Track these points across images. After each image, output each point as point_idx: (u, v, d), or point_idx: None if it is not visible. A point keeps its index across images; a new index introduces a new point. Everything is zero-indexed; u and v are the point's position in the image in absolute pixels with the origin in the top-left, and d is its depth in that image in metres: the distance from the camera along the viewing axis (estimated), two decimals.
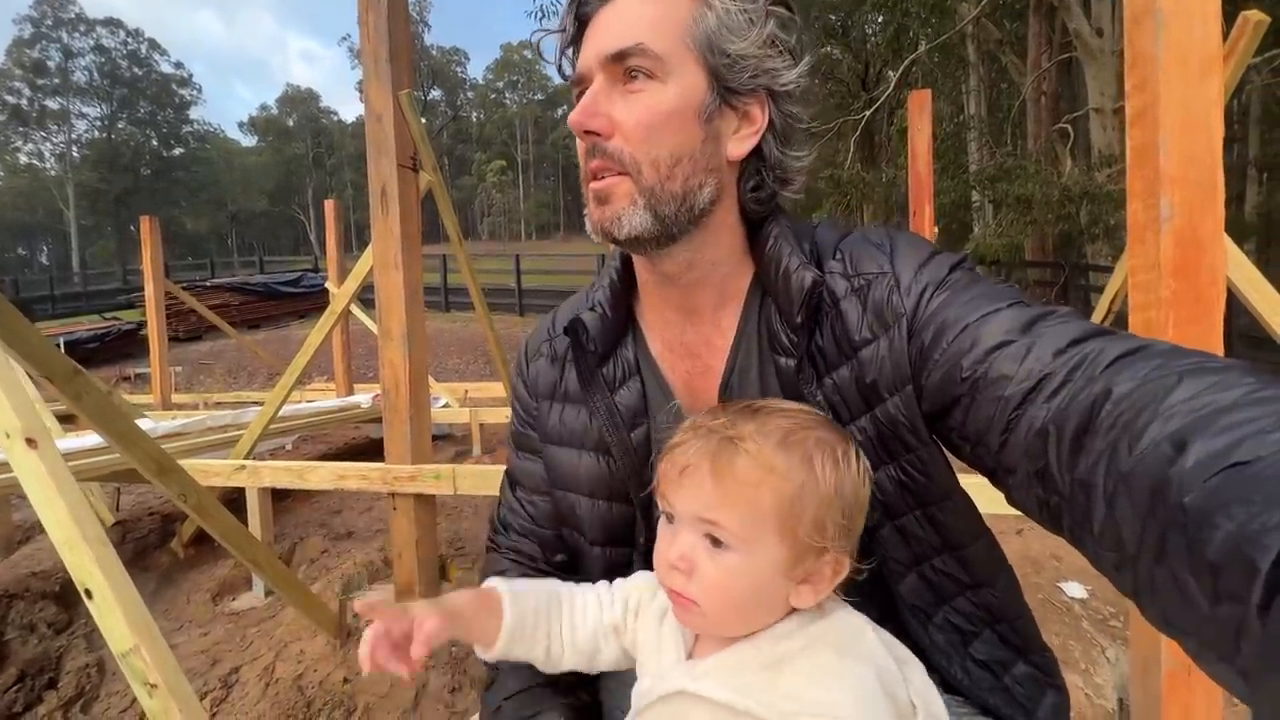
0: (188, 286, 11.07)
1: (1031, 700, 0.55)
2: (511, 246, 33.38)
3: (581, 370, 0.61)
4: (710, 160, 0.53)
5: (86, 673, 1.85)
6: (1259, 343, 6.03)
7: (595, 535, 0.61)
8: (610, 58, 0.51)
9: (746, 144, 0.55)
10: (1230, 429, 0.28)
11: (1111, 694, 1.55)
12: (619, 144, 0.52)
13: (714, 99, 0.52)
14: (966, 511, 0.54)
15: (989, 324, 0.46)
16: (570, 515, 0.62)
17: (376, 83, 2.01)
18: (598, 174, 0.53)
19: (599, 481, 0.60)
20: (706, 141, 0.53)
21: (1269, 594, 0.22)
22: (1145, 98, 1.31)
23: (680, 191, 0.52)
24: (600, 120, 0.52)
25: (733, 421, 0.45)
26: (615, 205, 0.52)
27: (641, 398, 0.60)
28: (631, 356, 0.61)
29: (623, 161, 0.52)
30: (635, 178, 0.52)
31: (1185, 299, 1.27)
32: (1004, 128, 11.52)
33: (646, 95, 0.51)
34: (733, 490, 0.43)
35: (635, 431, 0.59)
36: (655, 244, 0.54)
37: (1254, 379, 0.31)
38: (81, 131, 42.08)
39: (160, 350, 4.99)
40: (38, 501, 0.98)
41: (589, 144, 0.53)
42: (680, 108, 0.51)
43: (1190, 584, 0.26)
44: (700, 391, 0.59)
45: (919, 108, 3.50)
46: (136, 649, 0.93)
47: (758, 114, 0.54)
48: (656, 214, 0.52)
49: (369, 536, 2.72)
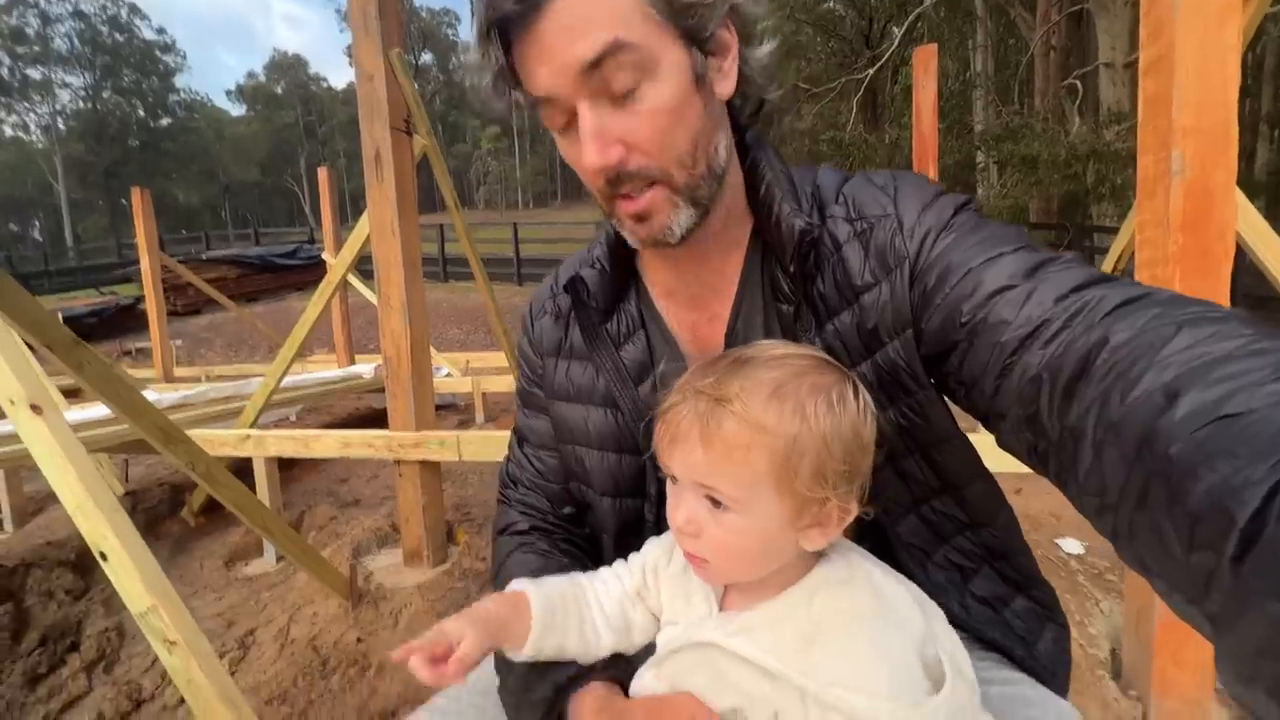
0: (183, 260, 10.97)
1: (1032, 633, 0.57)
2: (508, 215, 32.95)
3: (585, 326, 0.60)
4: (714, 118, 0.51)
5: (107, 636, 1.90)
6: (1261, 301, 6.00)
7: (605, 487, 0.61)
8: (585, 68, 0.44)
9: (732, 75, 0.52)
10: (1224, 380, 0.28)
11: (1104, 644, 1.59)
12: (640, 160, 0.48)
13: (700, 59, 0.49)
14: (965, 454, 0.54)
15: (992, 268, 0.45)
16: (579, 469, 0.63)
17: (366, 41, 1.94)
18: (630, 195, 0.50)
19: (607, 435, 0.60)
20: (708, 104, 0.50)
21: (1243, 546, 0.23)
22: (1160, 45, 1.27)
23: (707, 170, 0.51)
24: (615, 151, 0.47)
25: (721, 380, 0.44)
26: (660, 217, 0.50)
27: (647, 350, 0.59)
28: (635, 310, 0.60)
29: (650, 175, 0.49)
30: (668, 181, 0.49)
31: (1193, 253, 1.26)
32: (1011, 85, 11.24)
33: (647, 99, 0.46)
34: (723, 454, 0.42)
35: (642, 385, 0.59)
36: (699, 225, 0.52)
37: (1252, 330, 0.30)
38: (66, 102, 41.11)
39: (160, 324, 4.98)
40: (47, 468, 0.99)
41: (608, 175, 0.48)
42: (680, 94, 0.47)
43: (1169, 531, 0.27)
44: (706, 339, 0.59)
45: (924, 64, 3.40)
46: (154, 608, 0.96)
47: (727, 37, 0.51)
48: (696, 202, 0.51)
49: (376, 504, 2.76)
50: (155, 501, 2.82)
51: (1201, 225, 1.25)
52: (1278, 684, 0.21)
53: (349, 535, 2.36)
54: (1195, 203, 1.24)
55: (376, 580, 2.05)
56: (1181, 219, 1.25)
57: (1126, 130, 7.78)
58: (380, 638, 1.81)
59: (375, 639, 1.80)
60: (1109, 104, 8.88)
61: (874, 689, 0.40)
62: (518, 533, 0.65)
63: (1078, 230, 10.02)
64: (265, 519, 1.65)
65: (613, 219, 0.53)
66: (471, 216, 23.90)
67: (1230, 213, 1.26)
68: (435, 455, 2.05)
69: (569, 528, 0.66)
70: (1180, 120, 1.23)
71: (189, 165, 45.16)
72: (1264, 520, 0.22)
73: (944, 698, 0.40)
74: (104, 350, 7.77)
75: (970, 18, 12.17)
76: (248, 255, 12.67)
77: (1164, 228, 1.27)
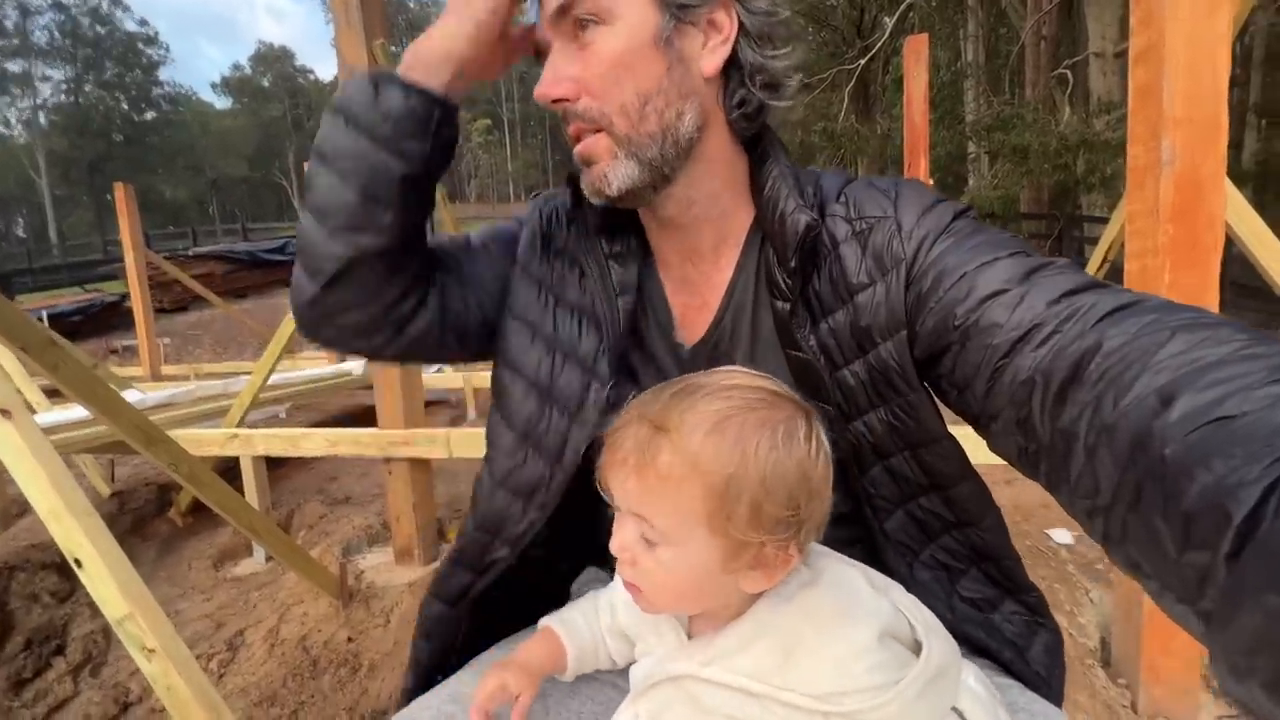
0: (169, 256, 10.82)
1: (1022, 639, 0.56)
2: (501, 208, 32.78)
3: (580, 225, 0.60)
4: (683, 86, 0.51)
5: (93, 638, 1.88)
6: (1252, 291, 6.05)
7: (539, 382, 0.58)
8: (555, 13, 0.50)
9: (719, 55, 0.52)
10: (1218, 384, 0.28)
11: (1094, 633, 1.60)
12: (587, 102, 0.51)
13: (667, 22, 0.50)
14: (954, 455, 0.54)
15: (986, 273, 0.45)
16: (513, 350, 0.59)
17: (349, 33, 1.91)
18: (578, 136, 0.52)
19: (565, 339, 0.58)
20: (672, 69, 0.51)
21: (1239, 543, 0.23)
22: (1150, 34, 1.26)
23: (658, 130, 0.51)
24: (564, 85, 0.51)
25: (666, 407, 0.42)
26: (600, 164, 0.52)
27: (636, 277, 0.58)
28: (634, 242, 0.59)
29: (594, 118, 0.51)
30: (611, 130, 0.51)
31: (1182, 244, 1.26)
32: (1002, 75, 11.24)
33: (597, 44, 0.50)
34: (656, 487, 0.40)
35: (623, 298, 0.57)
36: (652, 190, 0.53)
37: (1246, 335, 0.31)
38: (47, 96, 40.42)
39: (146, 322, 4.91)
40: (18, 473, 0.97)
41: (560, 110, 0.52)
42: (632, 45, 0.50)
43: (1162, 531, 0.27)
44: (693, 325, 0.59)
45: (915, 54, 3.38)
46: (131, 615, 0.94)
47: (724, 19, 0.52)
48: (640, 160, 0.51)
49: (366, 501, 2.74)
50: (142, 502, 2.79)
51: (1191, 215, 1.25)
52: (1274, 677, 0.21)
53: (339, 533, 2.35)
54: (1185, 193, 1.24)
55: (367, 579, 2.04)
56: (1171, 209, 1.25)
57: (1117, 120, 7.81)
58: (371, 636, 1.80)
59: (366, 638, 1.79)
60: (1099, 93, 8.90)
61: (860, 685, 0.40)
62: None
63: (1068, 220, 10.06)
64: (252, 519, 1.63)
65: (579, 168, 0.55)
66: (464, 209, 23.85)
67: (1220, 203, 1.25)
68: (425, 453, 2.03)
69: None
70: (1170, 110, 1.22)
71: (174, 160, 44.55)
72: (1260, 518, 0.22)
73: (924, 660, 0.41)
74: (90, 348, 7.67)
75: (962, 7, 12.14)
76: (235, 251, 12.52)
77: (1154, 218, 1.27)
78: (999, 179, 9.14)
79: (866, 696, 0.39)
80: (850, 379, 0.52)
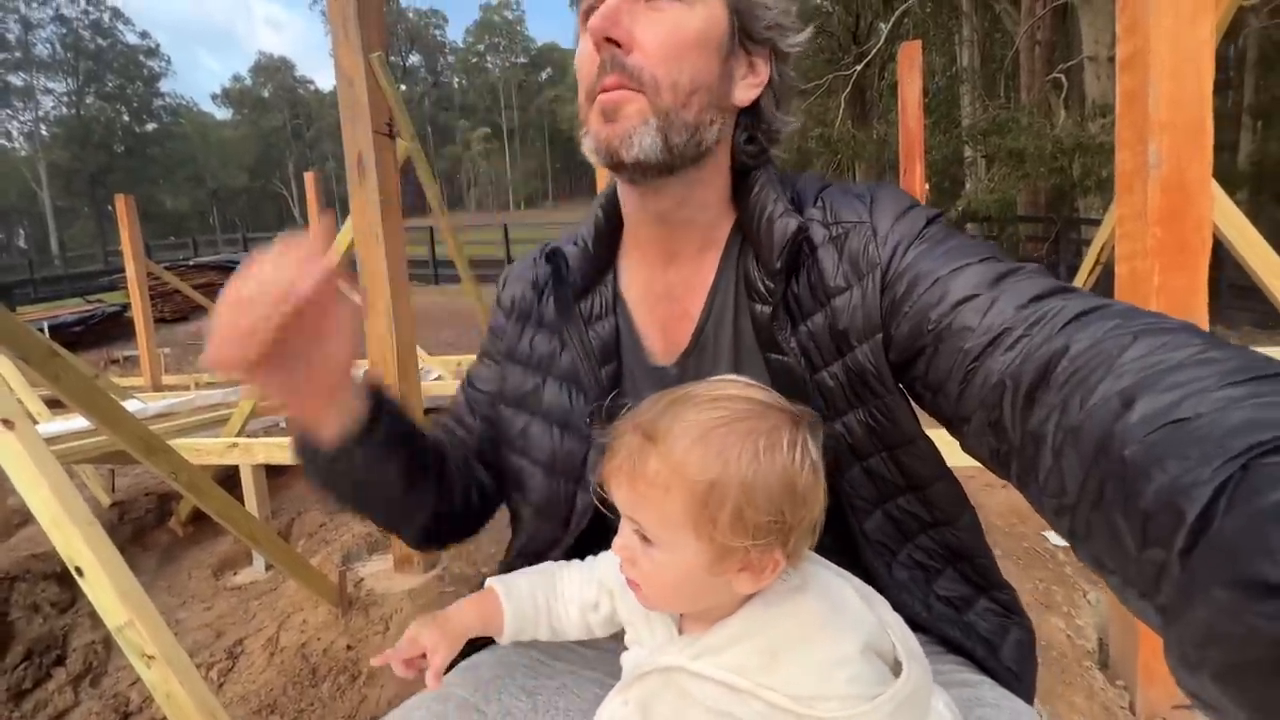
0: (170, 266, 10.86)
1: (995, 636, 0.57)
2: (500, 216, 32.88)
3: (560, 299, 0.61)
4: (721, 99, 0.53)
5: (93, 649, 1.88)
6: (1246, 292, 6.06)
7: (542, 459, 0.61)
8: None
9: (751, 92, 0.55)
10: (1176, 387, 0.29)
11: (1092, 634, 1.61)
12: (639, 59, 0.50)
13: (732, 38, 0.53)
14: (929, 455, 0.56)
15: (958, 278, 0.46)
16: (519, 438, 0.62)
17: (346, 45, 1.93)
18: (611, 87, 0.50)
19: (557, 410, 0.60)
20: (722, 79, 0.53)
21: (1191, 540, 0.24)
22: (1136, 41, 1.28)
23: (694, 122, 0.52)
24: (622, 31, 0.50)
25: (656, 417, 0.43)
26: (626, 123, 0.50)
27: (614, 336, 0.60)
28: (610, 295, 0.61)
29: (641, 79, 0.50)
30: (652, 97, 0.50)
31: (1171, 248, 1.27)
32: (997, 79, 11.29)
33: (673, 14, 0.50)
34: (645, 493, 0.43)
35: (606, 367, 0.59)
36: (656, 173, 0.53)
37: (1202, 340, 0.32)
38: (49, 108, 40.69)
39: (147, 332, 4.93)
40: (20, 483, 0.98)
41: (606, 55, 0.50)
42: (704, 35, 0.51)
43: (1122, 528, 0.28)
44: (675, 336, 0.59)
45: (909, 60, 3.41)
46: (131, 623, 0.95)
47: (763, 67, 0.55)
48: (667, 140, 0.51)
49: None
50: (143, 512, 2.79)
51: (1179, 219, 1.26)
52: (1222, 669, 0.22)
53: (339, 541, 2.35)
54: (1172, 197, 1.25)
55: (367, 586, 2.04)
56: (1159, 213, 1.26)
57: (1112, 123, 7.83)
58: (370, 644, 1.80)
59: (365, 646, 1.79)
60: (1093, 97, 8.94)
61: (839, 693, 0.41)
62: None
63: (1065, 222, 10.08)
64: (252, 527, 1.64)
65: (584, 127, 0.54)
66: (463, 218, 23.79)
67: (1207, 206, 1.27)
68: None
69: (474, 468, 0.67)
70: (1156, 115, 1.24)
71: (175, 170, 44.80)
72: (1210, 516, 0.23)
73: (902, 681, 0.41)
74: (91, 358, 7.68)
75: (956, 13, 12.22)
76: (236, 260, 12.55)
77: (1142, 221, 1.28)
78: (996, 182, 9.16)
79: (843, 705, 0.40)
80: (829, 380, 0.53)
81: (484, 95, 56.65)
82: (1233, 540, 0.22)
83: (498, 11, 57.83)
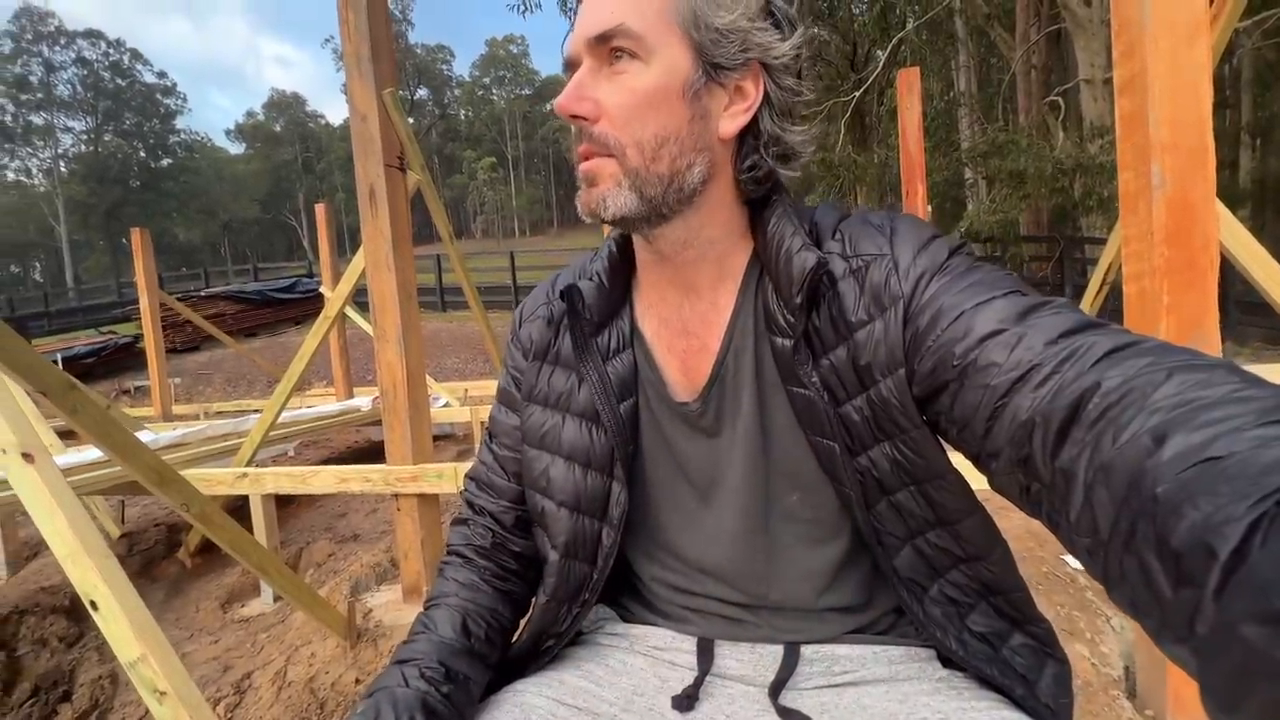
0: (182, 297, 11.02)
1: (1032, 671, 0.56)
2: (506, 244, 33.28)
3: (576, 337, 0.61)
4: (699, 140, 0.53)
5: (100, 684, 1.86)
6: (1254, 308, 6.02)
7: (566, 499, 0.60)
8: (594, 40, 0.52)
9: (738, 121, 0.54)
10: (1209, 425, 0.29)
11: (1117, 662, 1.56)
12: (604, 127, 0.52)
13: (699, 76, 0.52)
14: (959, 490, 0.54)
15: (983, 312, 0.45)
16: (541, 478, 0.62)
17: (360, 82, 1.99)
18: (586, 156, 0.53)
19: (579, 448, 0.60)
20: (694, 121, 0.52)
21: (1224, 579, 0.24)
22: (1133, 65, 1.30)
23: (667, 173, 0.52)
24: (586, 104, 0.52)
25: None
26: (602, 186, 0.53)
27: (633, 371, 0.60)
28: (627, 329, 0.61)
29: (608, 144, 0.52)
30: (621, 160, 0.52)
31: (1179, 266, 1.27)
32: (994, 103, 11.46)
33: (629, 77, 0.51)
34: None
35: (624, 403, 0.59)
36: (646, 223, 0.54)
37: (1238, 378, 0.32)
38: (68, 145, 41.92)
39: (158, 362, 4.98)
40: (38, 516, 0.98)
41: (576, 128, 0.53)
42: (662, 87, 0.51)
43: (1155, 569, 0.27)
44: (694, 370, 0.59)
45: (907, 86, 3.48)
46: (144, 658, 0.94)
47: (751, 89, 0.53)
48: (642, 195, 0.52)
49: (375, 538, 2.73)
50: (151, 543, 2.79)
51: (1185, 238, 1.26)
52: (1263, 707, 0.21)
53: (348, 571, 2.33)
54: (1177, 216, 1.26)
55: (376, 617, 2.01)
56: (1165, 232, 1.27)
57: (1110, 143, 7.91)
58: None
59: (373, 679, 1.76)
60: (1091, 118, 9.04)
61: None
62: (459, 554, 0.67)
63: (1068, 242, 10.11)
64: (262, 558, 1.63)
65: (578, 181, 0.57)
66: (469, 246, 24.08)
67: (1212, 225, 1.27)
68: (433, 488, 2.03)
69: (506, 556, 0.67)
70: (1157, 137, 1.25)
71: (189, 204, 45.77)
72: (1244, 554, 0.23)
73: None
74: (103, 389, 7.76)
75: (952, 39, 12.47)
76: (246, 290, 12.74)
77: (1148, 241, 1.29)
78: (997, 204, 9.22)
79: None
80: (854, 414, 0.52)
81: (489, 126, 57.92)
82: (1266, 577, 0.22)
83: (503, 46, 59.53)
